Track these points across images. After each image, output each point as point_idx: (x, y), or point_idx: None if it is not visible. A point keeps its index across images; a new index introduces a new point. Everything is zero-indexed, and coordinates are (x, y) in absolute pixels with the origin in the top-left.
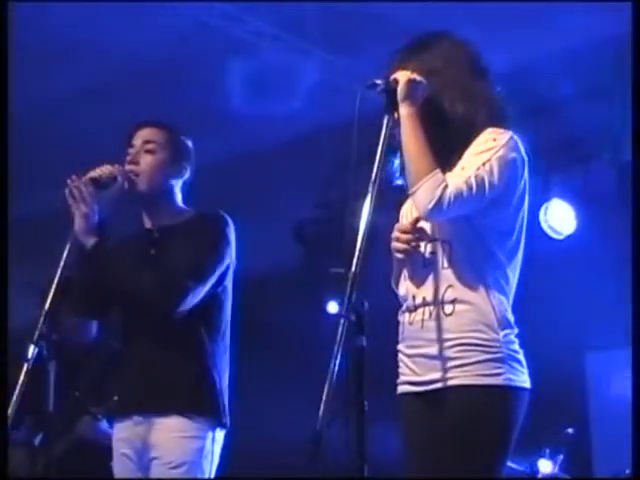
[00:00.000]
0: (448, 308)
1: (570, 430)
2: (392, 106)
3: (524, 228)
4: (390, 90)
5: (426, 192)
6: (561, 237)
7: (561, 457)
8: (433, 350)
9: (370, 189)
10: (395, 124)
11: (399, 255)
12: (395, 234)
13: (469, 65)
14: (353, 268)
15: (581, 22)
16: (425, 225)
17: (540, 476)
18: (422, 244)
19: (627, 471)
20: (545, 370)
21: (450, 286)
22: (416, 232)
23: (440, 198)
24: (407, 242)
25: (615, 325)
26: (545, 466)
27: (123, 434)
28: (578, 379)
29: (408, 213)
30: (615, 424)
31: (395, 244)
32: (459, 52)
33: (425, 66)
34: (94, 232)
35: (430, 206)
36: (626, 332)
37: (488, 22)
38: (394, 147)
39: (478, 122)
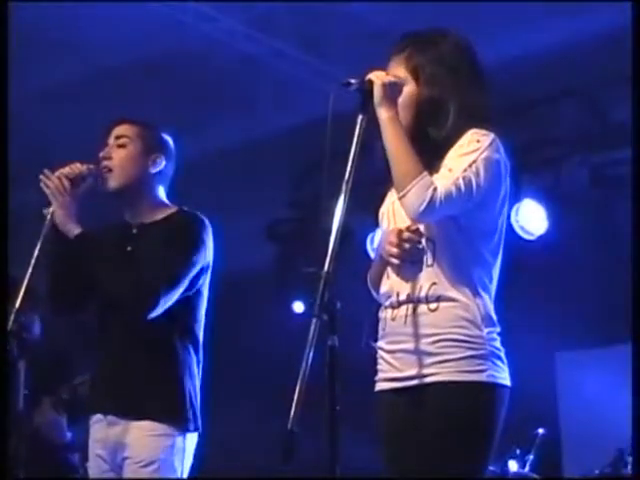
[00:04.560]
0: (433, 305)
1: (540, 430)
2: (366, 106)
3: (504, 228)
4: (364, 90)
5: (416, 195)
6: (532, 237)
7: (531, 457)
8: (416, 345)
9: (343, 188)
10: (369, 123)
11: (394, 260)
12: (393, 240)
13: (460, 68)
14: (326, 267)
15: (554, 23)
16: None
17: (510, 476)
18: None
19: (596, 471)
20: (516, 370)
21: (434, 283)
22: (412, 239)
23: (431, 200)
24: (405, 249)
25: (585, 325)
26: (515, 466)
27: (97, 435)
28: (548, 379)
29: (390, 213)
30: (585, 424)
31: (392, 249)
32: (452, 54)
33: (412, 66)
34: (76, 221)
35: (421, 209)
36: (596, 332)
37: (461, 22)
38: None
39: (462, 124)
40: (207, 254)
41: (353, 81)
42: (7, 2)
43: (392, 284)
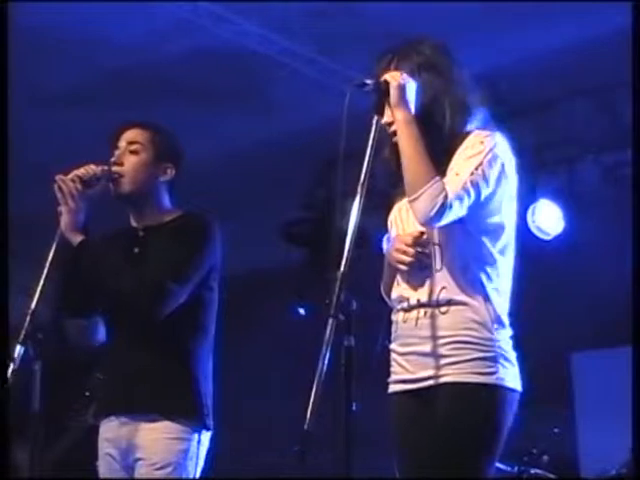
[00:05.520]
0: (443, 308)
1: (556, 430)
2: (382, 106)
3: (514, 226)
4: (380, 90)
5: (427, 200)
6: (548, 237)
7: (547, 457)
8: (426, 347)
9: (359, 190)
10: (384, 124)
11: (403, 267)
12: (400, 246)
13: (446, 70)
14: (342, 268)
15: (568, 22)
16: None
17: (526, 476)
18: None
19: (613, 471)
20: (531, 369)
21: (444, 287)
22: (421, 244)
23: (442, 206)
24: (413, 256)
25: (602, 325)
26: (531, 466)
27: (108, 434)
28: (564, 379)
29: (398, 220)
30: (601, 424)
31: (400, 257)
32: (437, 58)
33: (409, 70)
34: (80, 229)
35: (432, 214)
36: (612, 332)
37: (474, 22)
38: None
39: (460, 121)
40: (216, 252)
41: (369, 82)
42: (7, 2)
43: (402, 290)
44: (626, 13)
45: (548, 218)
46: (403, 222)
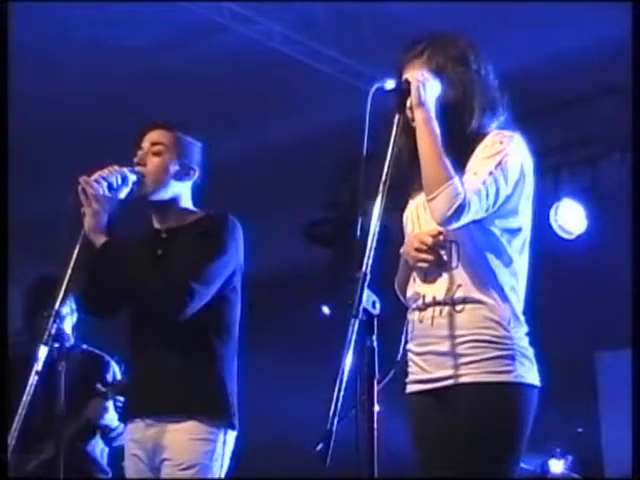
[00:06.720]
0: (459, 307)
1: (580, 429)
2: (403, 106)
3: (530, 227)
4: (401, 90)
5: (445, 200)
6: (572, 237)
7: (571, 457)
8: (443, 347)
9: (381, 189)
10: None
11: (423, 265)
12: (420, 246)
13: (478, 68)
14: (363, 268)
15: (588, 21)
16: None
17: (550, 476)
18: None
19: None
20: (556, 369)
21: (460, 285)
22: (439, 243)
23: (459, 206)
24: (433, 255)
25: (626, 324)
26: (556, 466)
27: (135, 435)
28: (589, 378)
29: (414, 216)
30: (626, 424)
31: (420, 255)
32: (469, 54)
33: (434, 66)
34: (104, 231)
35: (449, 214)
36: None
37: (498, 21)
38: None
39: (487, 121)
40: (238, 253)
41: (390, 81)
42: (7, 2)
43: (418, 288)
44: None
45: (571, 217)
46: (420, 219)
